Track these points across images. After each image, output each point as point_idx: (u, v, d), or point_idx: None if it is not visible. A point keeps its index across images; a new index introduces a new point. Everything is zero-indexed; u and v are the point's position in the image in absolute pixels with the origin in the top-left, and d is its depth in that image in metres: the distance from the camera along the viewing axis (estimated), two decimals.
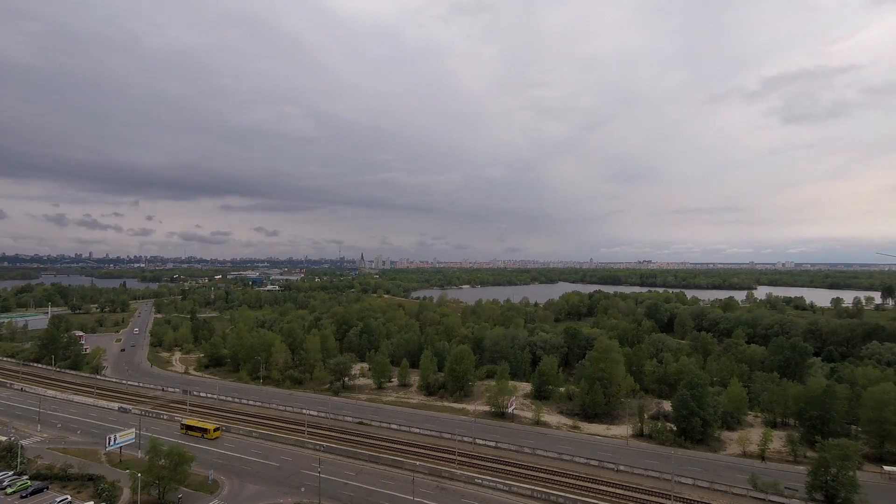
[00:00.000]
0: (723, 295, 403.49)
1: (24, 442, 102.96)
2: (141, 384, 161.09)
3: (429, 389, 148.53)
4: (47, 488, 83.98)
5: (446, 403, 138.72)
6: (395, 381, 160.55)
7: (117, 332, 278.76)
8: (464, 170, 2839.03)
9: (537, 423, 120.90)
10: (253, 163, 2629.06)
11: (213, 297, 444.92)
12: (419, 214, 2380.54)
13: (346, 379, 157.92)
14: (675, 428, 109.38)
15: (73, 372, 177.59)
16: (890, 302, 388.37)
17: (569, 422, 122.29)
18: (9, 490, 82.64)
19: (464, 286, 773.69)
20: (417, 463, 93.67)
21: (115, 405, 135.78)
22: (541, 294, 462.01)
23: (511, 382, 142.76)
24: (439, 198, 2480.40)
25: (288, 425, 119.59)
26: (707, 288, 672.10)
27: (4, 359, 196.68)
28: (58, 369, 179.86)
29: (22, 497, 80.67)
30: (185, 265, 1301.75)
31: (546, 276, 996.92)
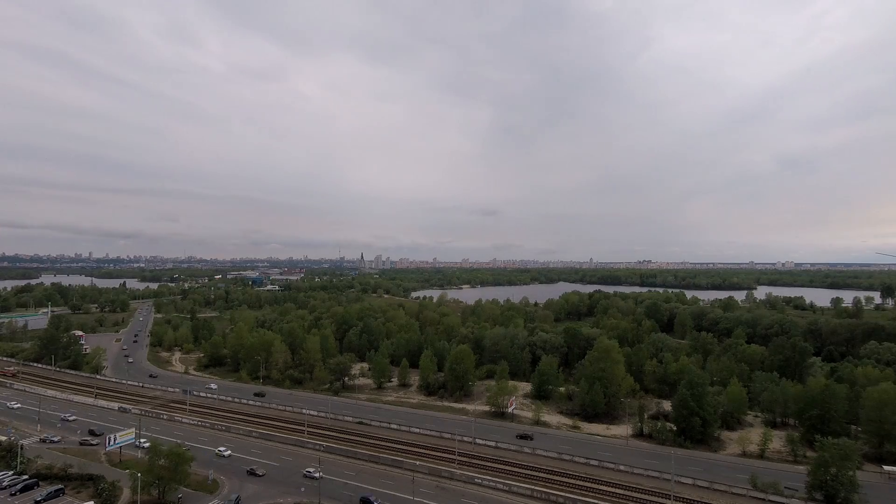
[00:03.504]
0: (723, 295, 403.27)
1: (23, 442, 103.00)
2: (141, 384, 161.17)
3: (429, 389, 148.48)
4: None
5: (446, 403, 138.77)
6: (395, 381, 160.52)
7: (117, 332, 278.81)
8: None
9: (537, 422, 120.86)
10: None
11: (213, 297, 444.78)
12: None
13: (346, 379, 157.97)
14: (675, 428, 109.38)
15: (73, 372, 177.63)
16: (890, 302, 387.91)
17: (569, 422, 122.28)
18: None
19: (464, 286, 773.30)
20: (417, 463, 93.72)
21: (115, 405, 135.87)
22: (541, 294, 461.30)
23: (511, 382, 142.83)
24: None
25: (288, 425, 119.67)
26: (707, 288, 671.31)
27: (4, 359, 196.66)
28: (58, 369, 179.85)
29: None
30: (185, 265, 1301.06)
31: (546, 276, 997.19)
